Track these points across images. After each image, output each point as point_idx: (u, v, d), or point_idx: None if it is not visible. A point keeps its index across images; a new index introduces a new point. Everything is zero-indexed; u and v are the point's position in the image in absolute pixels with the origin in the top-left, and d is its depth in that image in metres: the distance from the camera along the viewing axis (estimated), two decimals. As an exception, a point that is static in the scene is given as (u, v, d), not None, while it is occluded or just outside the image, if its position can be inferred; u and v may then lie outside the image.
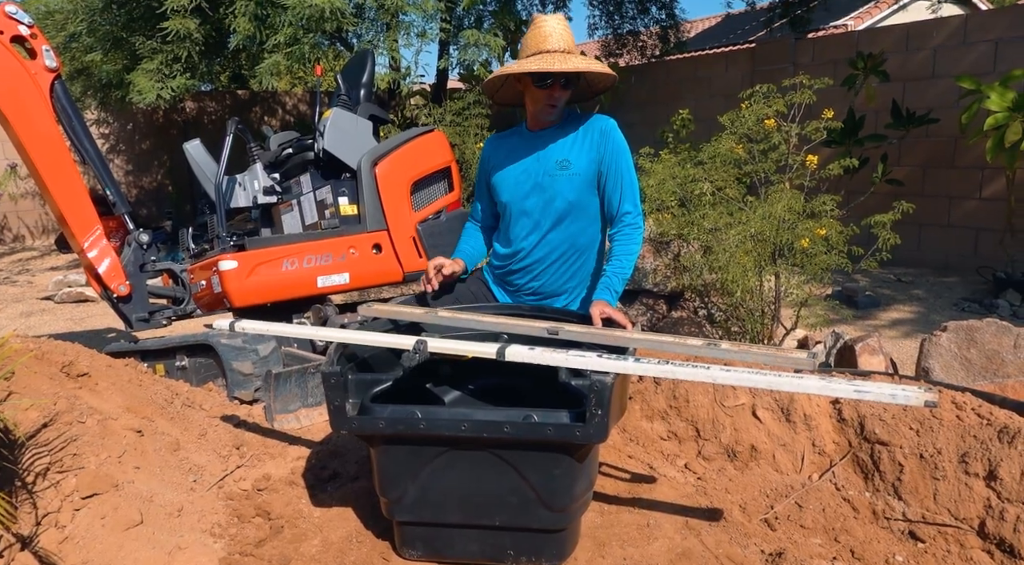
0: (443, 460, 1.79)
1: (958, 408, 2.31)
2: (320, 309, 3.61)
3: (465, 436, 1.73)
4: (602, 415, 1.65)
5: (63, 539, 1.71)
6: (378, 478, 1.86)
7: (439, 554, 1.87)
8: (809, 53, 7.40)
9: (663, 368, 1.70)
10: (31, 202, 8.93)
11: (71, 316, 5.69)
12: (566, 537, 1.83)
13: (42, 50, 3.11)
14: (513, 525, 1.80)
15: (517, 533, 1.81)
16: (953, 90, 5.94)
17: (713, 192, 3.76)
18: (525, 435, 1.70)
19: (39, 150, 3.11)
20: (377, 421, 1.79)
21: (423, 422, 1.76)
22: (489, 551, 1.84)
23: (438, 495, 1.81)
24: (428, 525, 1.85)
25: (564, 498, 1.77)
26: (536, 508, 1.76)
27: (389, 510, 1.87)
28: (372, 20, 6.35)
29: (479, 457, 1.77)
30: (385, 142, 3.82)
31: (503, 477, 1.77)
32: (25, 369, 2.11)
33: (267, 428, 2.67)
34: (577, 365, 1.74)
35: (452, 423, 1.75)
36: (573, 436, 1.69)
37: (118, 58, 6.73)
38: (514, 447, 1.73)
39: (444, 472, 1.80)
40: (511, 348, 1.81)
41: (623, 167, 2.26)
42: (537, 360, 1.77)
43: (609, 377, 1.67)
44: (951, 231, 6.39)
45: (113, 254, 3.33)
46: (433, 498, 1.82)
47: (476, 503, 1.80)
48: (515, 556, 1.83)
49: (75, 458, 1.88)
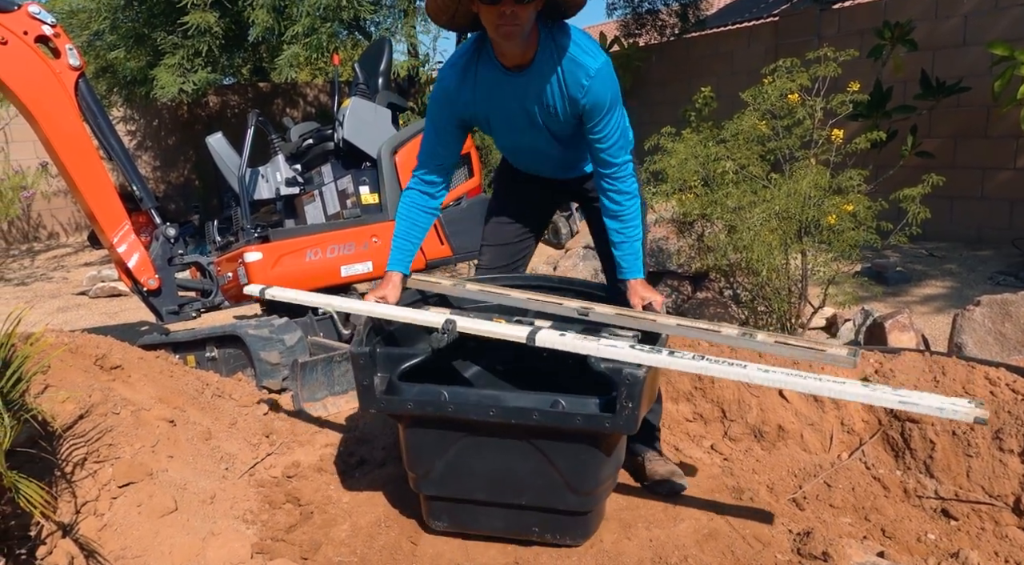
0: (470, 441, 1.80)
1: (992, 384, 2.26)
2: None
3: (493, 421, 1.73)
4: (632, 408, 1.64)
5: (102, 526, 1.76)
6: (406, 454, 1.88)
7: (465, 526, 1.90)
8: (835, 24, 7.22)
9: (698, 364, 1.67)
10: (63, 200, 9.12)
11: (105, 310, 5.82)
12: (591, 518, 1.84)
13: (66, 49, 3.15)
14: (539, 505, 1.81)
15: (542, 513, 1.82)
16: (985, 57, 5.75)
17: (736, 170, 3.70)
18: (554, 423, 1.70)
19: (66, 148, 3.17)
20: (405, 402, 1.80)
21: (451, 405, 1.76)
22: (514, 527, 1.86)
23: (464, 474, 1.83)
24: (454, 501, 1.87)
25: (590, 482, 1.77)
26: (562, 491, 1.77)
27: (416, 484, 1.90)
28: (389, 7, 6.33)
29: (506, 440, 1.77)
30: (404, 130, 3.82)
31: (530, 461, 1.77)
32: (60, 363, 2.17)
33: (295, 416, 2.71)
34: (609, 356, 1.71)
35: (480, 408, 1.75)
36: (602, 427, 1.68)
37: (141, 55, 6.81)
38: (540, 434, 1.74)
39: (471, 452, 1.81)
40: (542, 334, 1.79)
41: (612, 121, 1.96)
42: (568, 348, 1.75)
43: (642, 370, 1.65)
44: (984, 203, 6.22)
45: (142, 249, 3.39)
46: (459, 476, 1.83)
47: (502, 483, 1.81)
48: (540, 533, 1.84)
49: (111, 448, 1.93)
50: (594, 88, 1.90)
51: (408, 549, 1.88)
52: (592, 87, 1.89)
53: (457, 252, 3.84)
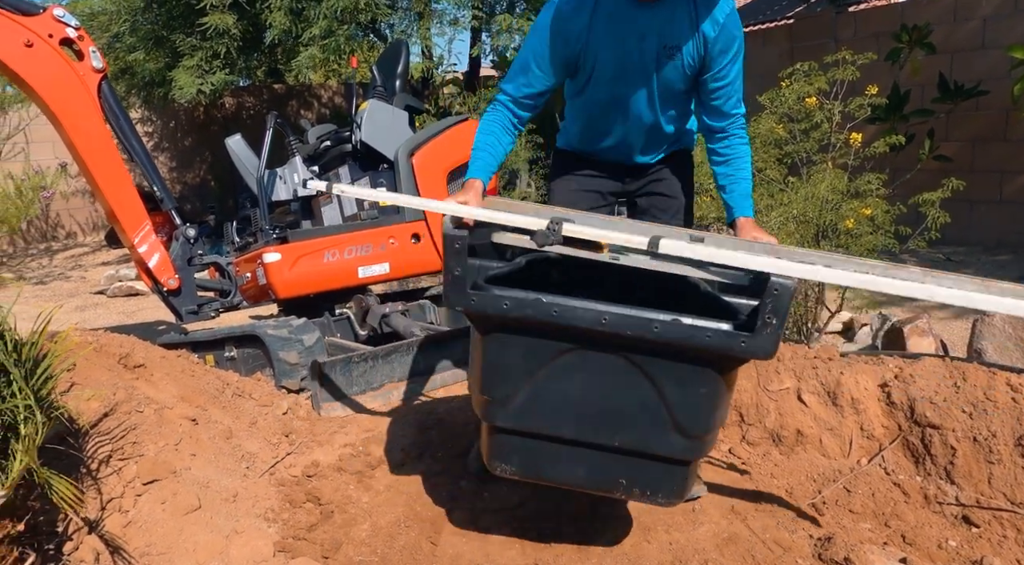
0: (568, 360, 1.50)
1: (1013, 390, 2.25)
2: (362, 299, 3.67)
3: (603, 332, 1.43)
4: (776, 325, 1.38)
5: (127, 523, 1.79)
6: (481, 372, 1.57)
7: (537, 473, 1.62)
8: (851, 27, 7.18)
9: (864, 278, 1.41)
10: (81, 200, 9.22)
11: (123, 309, 5.88)
12: (688, 474, 1.58)
13: (89, 51, 3.19)
14: (635, 449, 1.53)
15: (636, 460, 1.54)
16: (1004, 61, 5.70)
17: (753, 174, 3.69)
18: (676, 338, 1.41)
19: (89, 150, 3.21)
20: (502, 300, 1.48)
21: (556, 308, 1.45)
22: (597, 478, 1.58)
23: (553, 402, 1.53)
24: (532, 436, 1.57)
25: (703, 423, 1.50)
26: (667, 431, 1.49)
27: (487, 411, 1.59)
28: (405, 10, 6.37)
29: (611, 361, 1.48)
30: (421, 132, 3.84)
31: (635, 389, 1.49)
32: (85, 361, 2.20)
33: (314, 416, 2.73)
34: (757, 267, 1.41)
35: (591, 314, 1.44)
36: (735, 347, 1.41)
37: (160, 56, 6.90)
38: (656, 353, 1.45)
39: (565, 375, 1.51)
40: (666, 241, 1.47)
41: (737, 67, 1.87)
42: (701, 256, 1.46)
43: (791, 281, 1.39)
44: (1003, 208, 6.17)
45: (162, 249, 3.43)
46: (546, 404, 1.53)
47: (596, 417, 1.52)
48: (627, 487, 1.57)
49: (135, 446, 1.96)
50: (728, 27, 1.82)
51: (428, 549, 1.89)
52: (726, 25, 1.81)
53: (473, 254, 3.85)
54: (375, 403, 2.86)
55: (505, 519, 1.99)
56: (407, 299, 3.86)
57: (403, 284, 4.23)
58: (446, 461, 2.32)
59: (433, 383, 3.08)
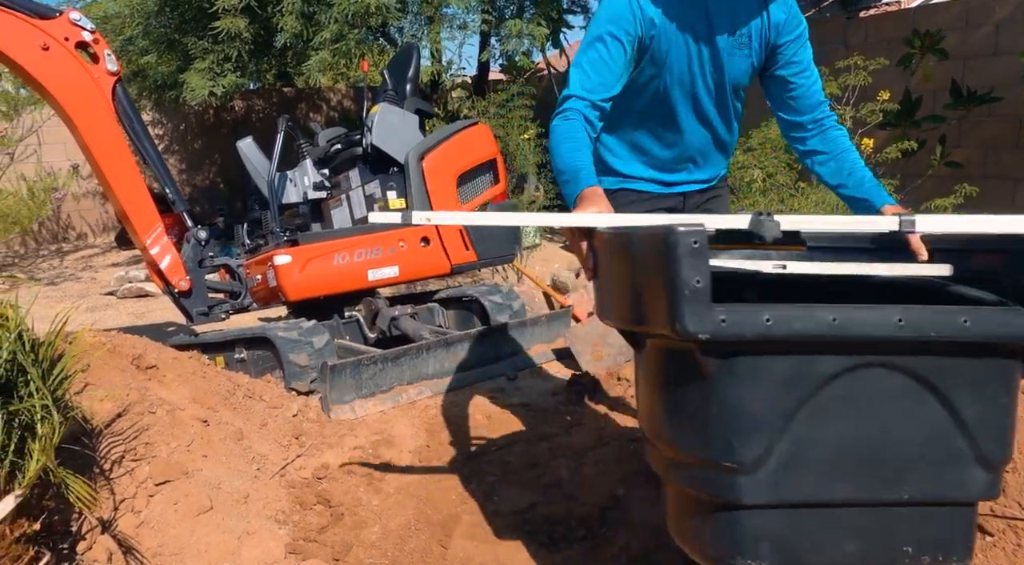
0: (835, 390, 1.11)
1: (1028, 398, 2.23)
2: (371, 301, 3.68)
3: (897, 339, 1.08)
4: None
5: (139, 523, 1.79)
6: (717, 429, 1.12)
7: (799, 563, 1.15)
8: (862, 32, 7.16)
9: None
10: (92, 201, 9.28)
11: (133, 311, 5.91)
12: (973, 518, 1.20)
13: (104, 55, 3.22)
14: (927, 497, 1.16)
15: (923, 514, 1.17)
16: (1017, 67, 5.67)
17: (764, 179, 3.69)
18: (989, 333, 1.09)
19: (103, 152, 3.23)
20: (760, 314, 1.05)
21: (834, 317, 1.06)
22: (876, 553, 1.17)
23: (821, 452, 1.12)
24: (791, 508, 1.13)
25: (1003, 445, 1.17)
26: (966, 463, 1.14)
27: (728, 485, 1.12)
28: (415, 14, 6.39)
29: (891, 382, 1.12)
30: (431, 136, 3.85)
31: (923, 415, 1.13)
32: (98, 362, 2.21)
33: (324, 418, 2.74)
34: None
35: (882, 318, 1.07)
36: None
37: (172, 59, 6.94)
38: (951, 358, 1.12)
39: (833, 410, 1.12)
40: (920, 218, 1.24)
41: (810, 50, 1.73)
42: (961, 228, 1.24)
43: None
44: (1015, 215, 6.14)
45: (174, 251, 3.44)
46: (812, 458, 1.12)
47: (877, 465, 1.14)
48: (913, 556, 1.17)
49: (147, 447, 1.97)
50: (793, 7, 1.69)
51: (439, 553, 1.89)
52: (792, 5, 1.69)
53: (482, 258, 3.86)
54: (384, 406, 2.87)
55: (516, 523, 1.99)
56: (416, 302, 3.87)
57: (412, 287, 4.24)
58: (456, 464, 2.32)
59: (442, 386, 3.08)
